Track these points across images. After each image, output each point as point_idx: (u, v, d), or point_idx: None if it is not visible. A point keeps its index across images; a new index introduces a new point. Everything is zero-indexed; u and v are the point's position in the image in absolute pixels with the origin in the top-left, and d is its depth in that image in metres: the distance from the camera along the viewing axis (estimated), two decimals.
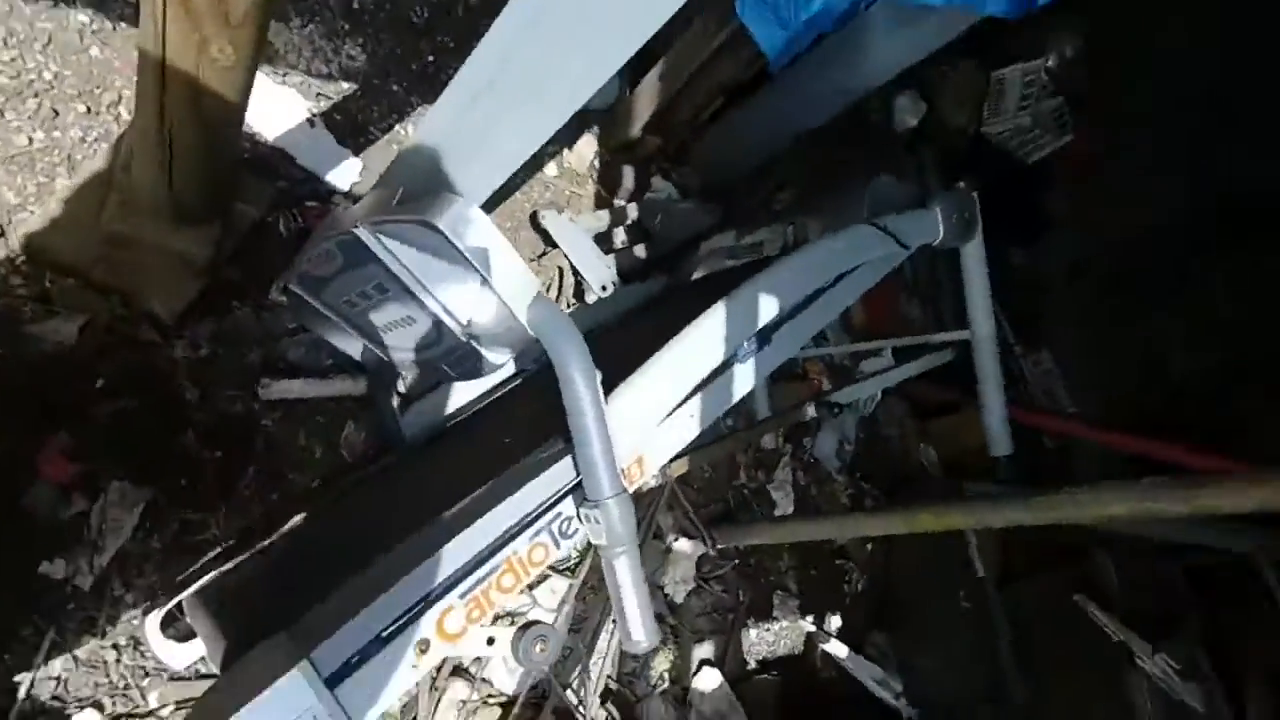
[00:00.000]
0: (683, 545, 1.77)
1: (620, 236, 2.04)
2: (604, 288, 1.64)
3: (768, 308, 1.01)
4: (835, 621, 2.01)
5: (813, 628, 1.96)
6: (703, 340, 0.92)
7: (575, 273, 1.68)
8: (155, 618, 0.91)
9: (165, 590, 0.99)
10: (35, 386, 0.94)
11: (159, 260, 0.96)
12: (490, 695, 1.32)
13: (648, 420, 0.83)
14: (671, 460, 1.49)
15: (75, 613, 0.92)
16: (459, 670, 1.30)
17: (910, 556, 2.22)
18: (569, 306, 1.70)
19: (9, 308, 0.94)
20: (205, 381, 1.09)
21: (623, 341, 1.36)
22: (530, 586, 1.48)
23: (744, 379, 1.04)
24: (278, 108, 1.32)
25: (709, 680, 1.63)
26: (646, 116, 1.95)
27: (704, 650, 1.71)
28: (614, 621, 1.56)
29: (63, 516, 0.93)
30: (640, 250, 1.97)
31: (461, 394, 1.37)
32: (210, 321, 1.11)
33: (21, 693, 0.86)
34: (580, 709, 1.39)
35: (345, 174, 1.40)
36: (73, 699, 0.90)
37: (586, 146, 2.00)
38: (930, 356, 1.84)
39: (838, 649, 1.92)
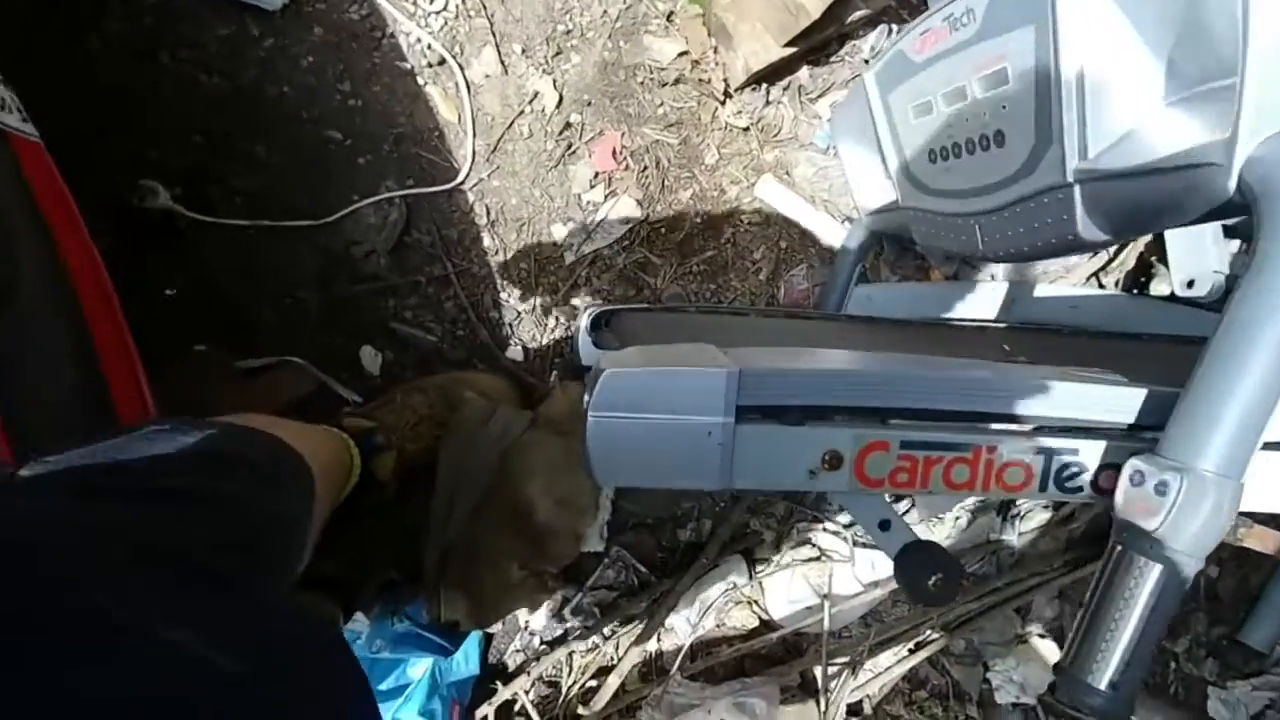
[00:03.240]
0: (1048, 648, 1.28)
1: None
2: (1191, 283, 1.13)
3: None
4: None
5: None
6: None
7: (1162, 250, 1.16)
8: (592, 312, 1.00)
9: (607, 300, 1.10)
10: (623, 86, 1.07)
11: (770, 8, 0.95)
12: (756, 603, 1.19)
13: None
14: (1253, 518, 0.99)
15: (552, 274, 1.08)
16: (746, 554, 1.19)
17: None
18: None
19: (644, 14, 1.06)
20: (724, 152, 1.11)
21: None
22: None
23: None
24: None
25: None
26: None
27: None
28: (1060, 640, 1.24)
29: (583, 197, 1.07)
30: None
31: (930, 305, 1.14)
32: (759, 99, 1.10)
33: (494, 314, 1.06)
34: (825, 694, 1.16)
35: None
36: (515, 337, 1.08)
37: None
38: None
39: None
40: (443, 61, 1.04)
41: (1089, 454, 0.50)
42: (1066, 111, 0.58)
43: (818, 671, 1.18)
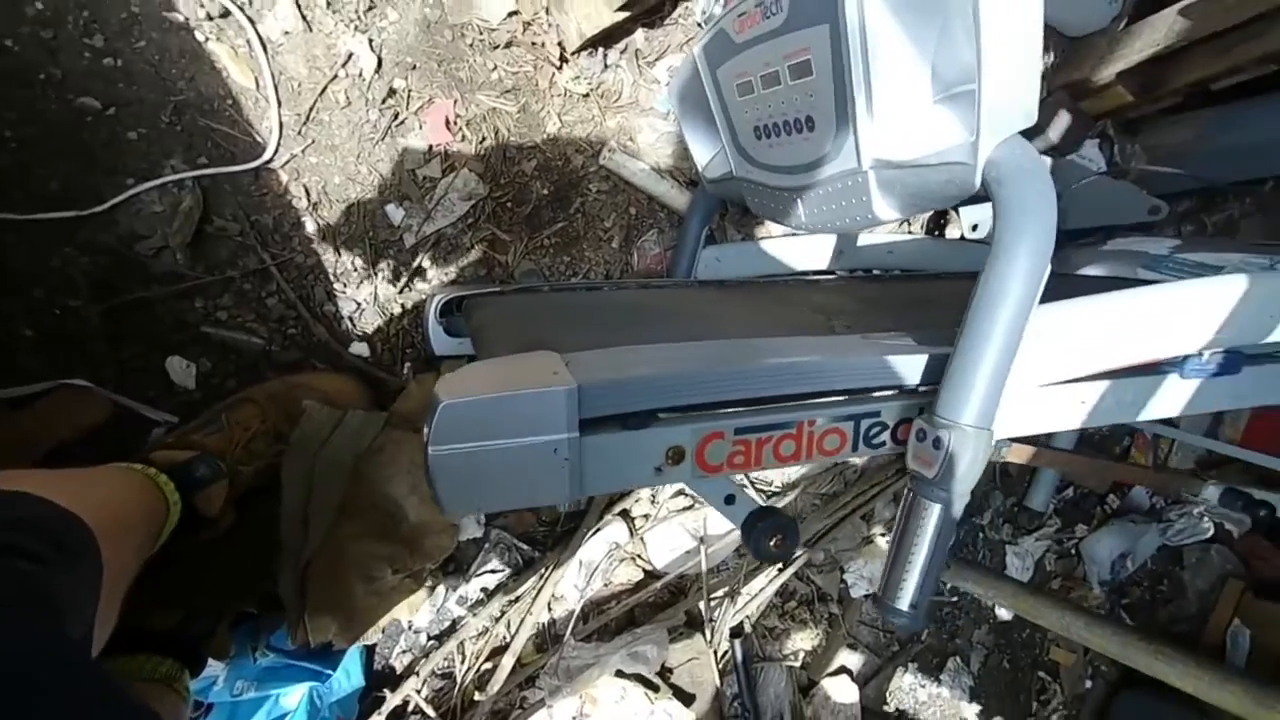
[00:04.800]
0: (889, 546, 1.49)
1: None
2: (975, 227, 1.31)
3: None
4: None
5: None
6: (1193, 308, 0.61)
7: None
8: (441, 299, 0.95)
9: (454, 284, 1.05)
10: (450, 48, 0.98)
11: None
12: (640, 556, 1.27)
13: (1063, 364, 0.57)
14: (1014, 440, 1.19)
15: (392, 259, 1.00)
16: (625, 514, 1.25)
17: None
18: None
19: None
20: (566, 120, 1.08)
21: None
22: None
23: (1171, 398, 0.71)
24: None
25: (843, 692, 1.40)
26: (1134, 59, 1.43)
27: (850, 659, 1.47)
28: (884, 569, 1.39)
29: (418, 173, 0.99)
30: None
31: (772, 262, 1.22)
32: (596, 64, 1.07)
33: (329, 308, 0.97)
34: (709, 624, 1.28)
35: None
36: (358, 330, 1.00)
37: None
38: None
39: None
40: (226, 14, 0.89)
41: (888, 413, 0.58)
42: (857, 104, 0.62)
43: (702, 606, 1.30)
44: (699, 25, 1.14)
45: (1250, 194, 1.76)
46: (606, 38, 1.05)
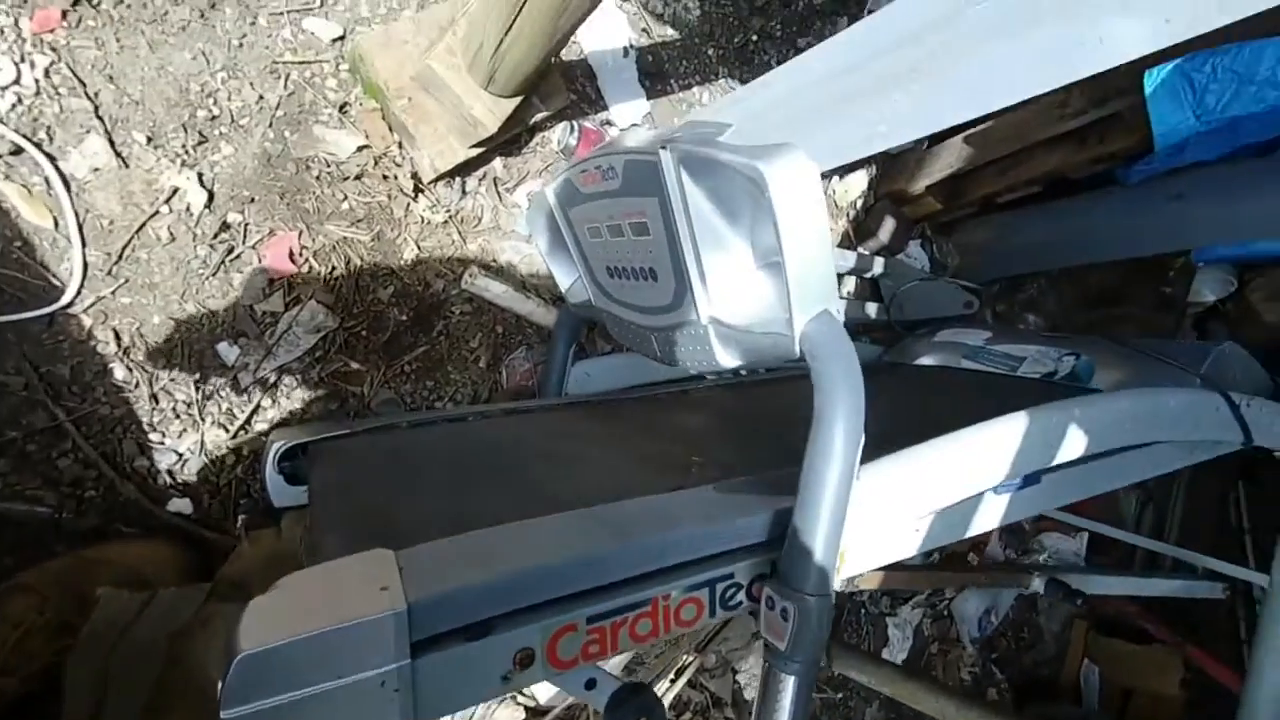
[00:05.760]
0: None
1: (850, 285, 1.82)
2: None
3: (1072, 444, 0.76)
4: None
5: None
6: (990, 450, 0.69)
7: None
8: (281, 445, 0.87)
9: (300, 423, 0.96)
10: (294, 181, 0.95)
11: (450, 115, 0.93)
12: (522, 692, 1.18)
13: (889, 517, 0.61)
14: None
15: (224, 402, 0.91)
16: None
17: None
18: None
19: (312, 103, 0.95)
20: (424, 246, 1.06)
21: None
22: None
23: (990, 514, 0.79)
24: (605, 25, 1.29)
25: None
26: (937, 176, 1.70)
27: None
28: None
29: (257, 308, 0.92)
30: (869, 309, 1.73)
31: (642, 373, 1.24)
32: (455, 193, 1.07)
33: (142, 462, 0.86)
34: None
35: (629, 112, 1.34)
36: (180, 484, 0.89)
37: (858, 181, 1.80)
38: (1190, 583, 1.44)
39: None
40: (19, 151, 0.79)
41: (741, 573, 0.59)
42: (690, 268, 0.67)
43: None
44: (557, 153, 1.19)
45: (1045, 277, 2.12)
46: (463, 167, 1.06)
